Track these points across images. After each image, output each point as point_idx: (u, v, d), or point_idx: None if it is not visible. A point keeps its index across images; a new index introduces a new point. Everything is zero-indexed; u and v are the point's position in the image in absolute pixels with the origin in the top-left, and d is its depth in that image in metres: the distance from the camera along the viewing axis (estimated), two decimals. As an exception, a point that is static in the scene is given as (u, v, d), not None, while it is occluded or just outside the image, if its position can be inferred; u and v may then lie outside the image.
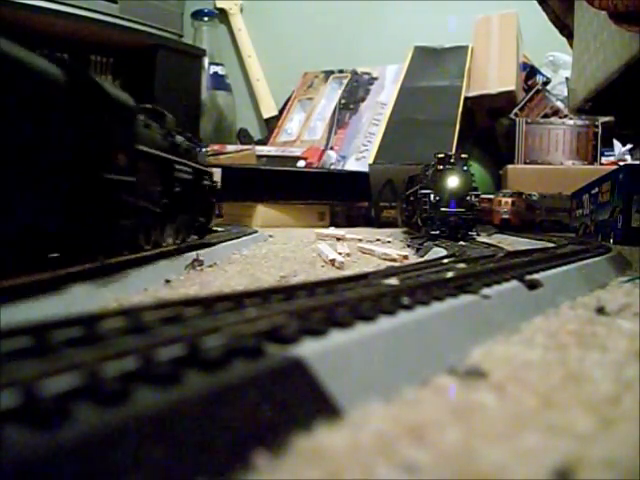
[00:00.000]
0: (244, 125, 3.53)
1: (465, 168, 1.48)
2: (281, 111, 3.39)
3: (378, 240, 1.53)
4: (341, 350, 0.37)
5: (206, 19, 3.43)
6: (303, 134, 3.14)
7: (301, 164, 2.91)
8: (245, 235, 1.44)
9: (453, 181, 1.45)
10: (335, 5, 3.39)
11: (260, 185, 2.47)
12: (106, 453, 0.23)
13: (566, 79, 2.54)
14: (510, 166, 2.61)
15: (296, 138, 3.14)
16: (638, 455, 0.27)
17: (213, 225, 1.35)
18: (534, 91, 2.81)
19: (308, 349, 0.35)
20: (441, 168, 1.47)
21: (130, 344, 0.32)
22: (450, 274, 0.63)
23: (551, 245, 1.20)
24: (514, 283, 0.64)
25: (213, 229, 1.38)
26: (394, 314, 0.45)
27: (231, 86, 3.46)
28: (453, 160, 1.48)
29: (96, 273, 0.64)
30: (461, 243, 1.31)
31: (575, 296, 0.70)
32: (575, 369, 0.41)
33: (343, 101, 3.16)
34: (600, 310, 0.62)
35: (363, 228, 2.31)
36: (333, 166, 2.90)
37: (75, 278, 0.60)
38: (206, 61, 3.25)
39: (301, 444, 0.28)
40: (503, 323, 0.54)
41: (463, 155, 1.52)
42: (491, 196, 2.23)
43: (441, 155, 1.50)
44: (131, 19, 2.66)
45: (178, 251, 0.92)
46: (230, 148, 2.89)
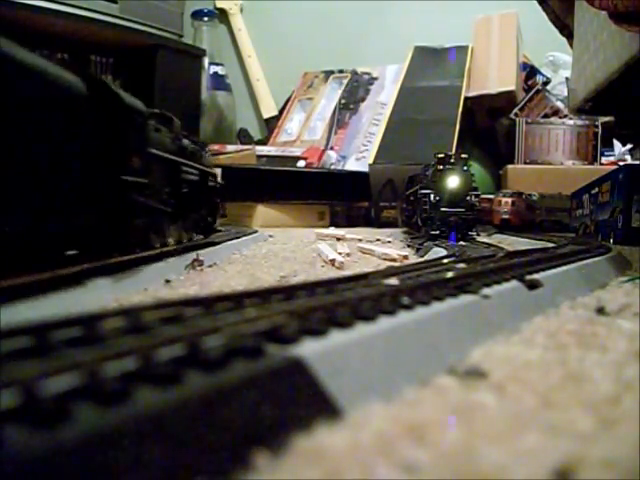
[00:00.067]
0: (244, 125, 3.53)
1: (465, 168, 1.48)
2: (281, 111, 3.39)
3: (378, 240, 1.53)
4: (341, 350, 0.37)
5: (206, 19, 3.42)
6: (303, 134, 3.14)
7: (301, 164, 2.91)
8: (245, 235, 1.44)
9: (453, 181, 1.45)
10: (335, 5, 3.39)
11: (260, 185, 2.47)
12: (106, 453, 0.23)
13: (566, 79, 2.54)
14: (510, 166, 2.61)
15: (296, 138, 3.14)
16: (638, 455, 0.27)
17: (218, 225, 1.36)
18: (534, 91, 2.81)
19: (308, 349, 0.35)
20: (441, 168, 1.47)
21: (130, 344, 0.32)
22: (450, 274, 0.64)
23: (551, 245, 1.20)
24: (514, 283, 0.64)
25: (218, 228, 1.39)
26: (394, 314, 0.45)
27: (231, 86, 3.46)
28: (453, 160, 1.48)
29: (97, 273, 0.64)
30: (461, 243, 1.31)
31: (575, 296, 0.70)
32: (575, 369, 0.41)
33: (343, 101, 3.16)
34: (600, 310, 0.62)
35: (363, 228, 2.31)
36: (333, 166, 2.90)
37: (75, 278, 0.60)
38: (206, 61, 3.25)
39: (301, 444, 0.28)
40: (503, 323, 0.54)
41: (463, 155, 1.52)
42: (491, 196, 2.22)
43: (441, 155, 1.49)
44: (131, 19, 2.66)
45: (178, 251, 0.93)
46: (230, 148, 2.89)
